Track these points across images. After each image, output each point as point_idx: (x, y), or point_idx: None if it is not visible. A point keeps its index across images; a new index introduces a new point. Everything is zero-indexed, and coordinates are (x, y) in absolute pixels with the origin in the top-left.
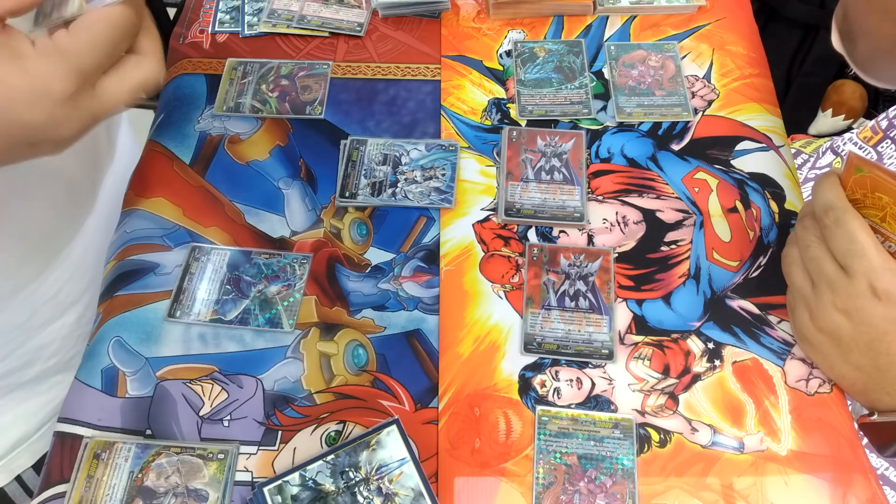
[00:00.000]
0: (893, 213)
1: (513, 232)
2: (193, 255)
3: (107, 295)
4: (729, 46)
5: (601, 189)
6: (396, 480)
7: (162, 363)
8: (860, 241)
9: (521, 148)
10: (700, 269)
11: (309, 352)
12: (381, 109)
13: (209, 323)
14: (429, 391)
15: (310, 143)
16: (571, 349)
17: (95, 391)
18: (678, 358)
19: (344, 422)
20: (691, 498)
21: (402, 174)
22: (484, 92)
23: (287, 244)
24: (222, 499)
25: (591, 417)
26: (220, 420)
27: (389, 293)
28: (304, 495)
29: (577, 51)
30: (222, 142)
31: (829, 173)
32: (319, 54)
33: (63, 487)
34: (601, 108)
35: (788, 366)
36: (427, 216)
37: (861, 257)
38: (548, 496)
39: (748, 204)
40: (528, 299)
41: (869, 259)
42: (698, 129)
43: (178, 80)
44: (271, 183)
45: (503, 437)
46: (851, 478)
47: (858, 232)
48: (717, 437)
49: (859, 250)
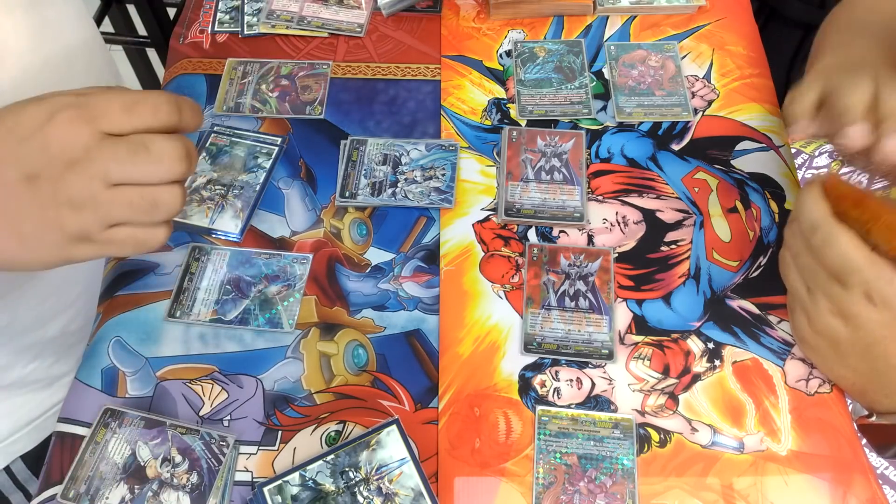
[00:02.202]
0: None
1: (513, 232)
2: (193, 255)
3: (107, 295)
4: (729, 46)
5: (601, 189)
6: (396, 480)
7: (162, 363)
8: (852, 259)
9: (521, 148)
10: (700, 269)
11: (309, 352)
12: (381, 109)
13: (209, 323)
14: (429, 391)
15: (310, 143)
16: (571, 349)
17: (95, 391)
18: (678, 358)
19: (344, 422)
20: (691, 498)
21: (402, 174)
22: (484, 92)
23: (287, 244)
24: (222, 499)
25: (591, 417)
26: (220, 420)
27: (389, 293)
28: (304, 495)
29: (577, 51)
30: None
31: (810, 185)
32: (319, 54)
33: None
34: (601, 108)
35: (788, 366)
36: (427, 216)
37: (855, 273)
38: (548, 496)
39: (748, 204)
40: (528, 299)
41: (862, 272)
42: (698, 129)
43: (178, 80)
44: (271, 183)
45: (503, 437)
46: (851, 478)
47: (850, 251)
48: (717, 437)
49: (854, 267)
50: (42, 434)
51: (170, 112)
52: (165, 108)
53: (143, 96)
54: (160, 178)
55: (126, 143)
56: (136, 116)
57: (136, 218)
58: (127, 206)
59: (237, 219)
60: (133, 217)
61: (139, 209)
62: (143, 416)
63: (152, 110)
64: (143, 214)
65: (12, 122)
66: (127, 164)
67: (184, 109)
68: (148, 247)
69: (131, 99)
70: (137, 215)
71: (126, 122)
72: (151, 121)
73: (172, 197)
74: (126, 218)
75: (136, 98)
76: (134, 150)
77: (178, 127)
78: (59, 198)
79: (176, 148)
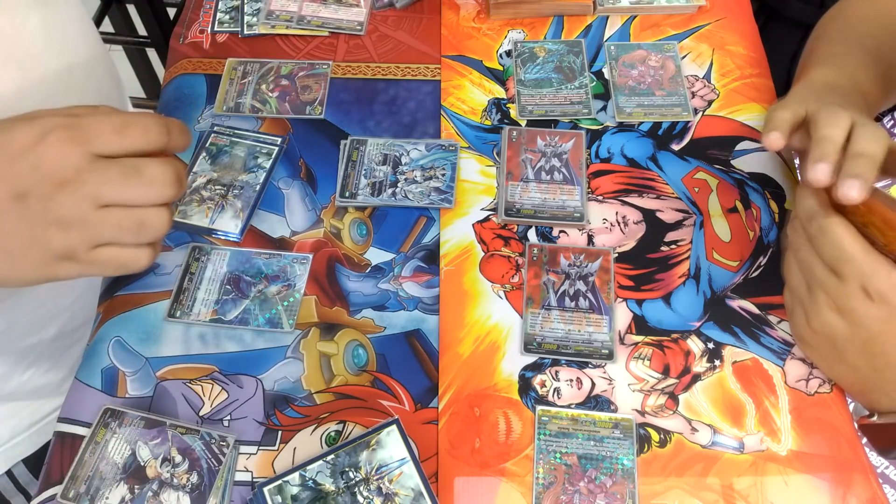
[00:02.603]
0: (872, 222)
1: (513, 232)
2: (193, 255)
3: (107, 295)
4: (729, 46)
5: (601, 189)
6: (396, 480)
7: (162, 363)
8: (847, 249)
9: (521, 148)
10: (700, 269)
11: (309, 352)
12: (381, 109)
13: (209, 323)
14: (429, 391)
15: (310, 143)
16: (571, 349)
17: (95, 391)
18: (678, 358)
19: (344, 422)
20: (691, 498)
21: (402, 174)
22: (484, 92)
23: (287, 244)
24: (222, 499)
25: (591, 417)
26: (220, 420)
27: (389, 293)
28: (304, 495)
29: (577, 51)
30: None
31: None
32: (319, 54)
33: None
34: (601, 108)
35: (788, 366)
36: (427, 216)
37: (850, 262)
38: (548, 496)
39: (748, 204)
40: (528, 299)
41: (858, 263)
42: (698, 129)
43: (178, 80)
44: (271, 183)
45: (503, 437)
46: (851, 478)
47: (844, 239)
48: (717, 437)
49: (847, 257)
50: (44, 438)
51: (159, 133)
52: (155, 130)
53: (133, 118)
54: (150, 200)
55: (118, 165)
56: (127, 138)
57: (122, 239)
58: (115, 227)
59: (237, 219)
60: (120, 238)
61: (126, 230)
62: (143, 416)
63: (142, 132)
64: (130, 235)
65: (3, 140)
66: (119, 187)
67: (173, 131)
68: (130, 268)
69: (121, 121)
70: (124, 236)
71: (117, 143)
72: (142, 142)
73: (160, 219)
74: (113, 238)
75: (127, 120)
76: (126, 174)
77: (167, 148)
78: (48, 217)
79: (167, 172)
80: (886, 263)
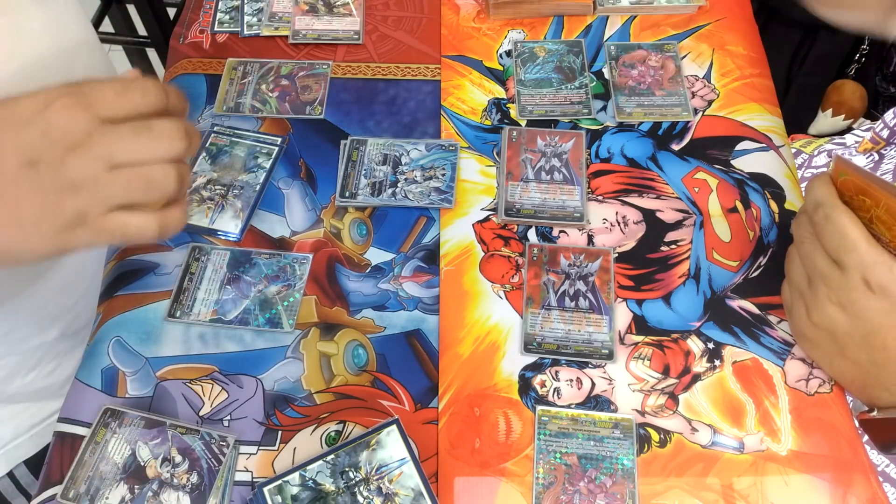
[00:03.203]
0: (878, 216)
1: (513, 232)
2: (193, 255)
3: (107, 295)
4: (729, 46)
5: (601, 189)
6: (396, 480)
7: (162, 363)
8: (850, 237)
9: (521, 148)
10: (700, 269)
11: (309, 352)
12: (381, 109)
13: (209, 323)
14: (429, 391)
15: (310, 143)
16: (571, 349)
17: (95, 391)
18: (678, 358)
19: (344, 422)
20: (691, 498)
21: (402, 174)
22: (484, 92)
23: (287, 244)
24: (222, 499)
25: (591, 417)
26: (220, 420)
27: (389, 293)
28: (304, 495)
29: (577, 51)
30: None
31: (822, 173)
32: (319, 54)
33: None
34: (601, 108)
35: (788, 366)
36: (427, 216)
37: (852, 252)
38: (548, 496)
39: (748, 204)
40: (528, 299)
41: (860, 253)
42: (698, 129)
43: (178, 80)
44: (271, 183)
45: (503, 437)
46: (851, 477)
47: (848, 227)
48: (717, 437)
49: (850, 245)
50: (45, 439)
51: (158, 94)
52: (154, 91)
53: (130, 81)
54: (162, 155)
55: (128, 124)
56: (129, 100)
57: (132, 198)
58: (125, 186)
59: (237, 219)
60: (129, 197)
61: (135, 189)
62: (143, 416)
63: (142, 93)
64: (139, 194)
65: (9, 110)
66: (131, 143)
67: (170, 94)
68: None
69: (121, 84)
70: (134, 195)
71: (120, 105)
72: (143, 102)
73: (167, 176)
74: (124, 199)
75: (125, 83)
76: (137, 130)
77: (166, 109)
78: (59, 182)
79: (174, 127)
80: (889, 257)
